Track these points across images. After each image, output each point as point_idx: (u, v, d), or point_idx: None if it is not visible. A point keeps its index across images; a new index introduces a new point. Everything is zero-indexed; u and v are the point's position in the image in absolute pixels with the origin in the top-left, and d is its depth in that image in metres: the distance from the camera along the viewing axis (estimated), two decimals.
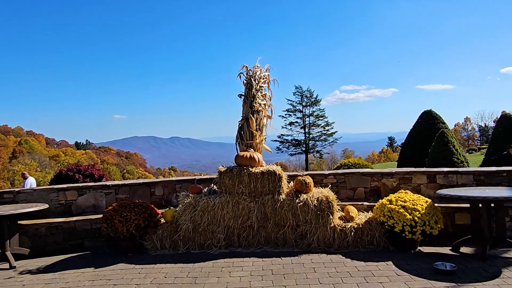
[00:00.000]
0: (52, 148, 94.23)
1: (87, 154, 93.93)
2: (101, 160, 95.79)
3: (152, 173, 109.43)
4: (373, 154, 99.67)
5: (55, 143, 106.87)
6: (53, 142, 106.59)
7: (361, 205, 6.51)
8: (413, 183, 6.86)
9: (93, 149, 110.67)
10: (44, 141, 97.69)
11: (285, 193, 6.10)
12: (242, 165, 6.15)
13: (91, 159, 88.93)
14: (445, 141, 13.96)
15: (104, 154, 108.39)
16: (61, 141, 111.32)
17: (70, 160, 73.82)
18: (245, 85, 6.87)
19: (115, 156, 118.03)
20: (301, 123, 55.21)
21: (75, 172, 15.07)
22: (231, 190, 6.04)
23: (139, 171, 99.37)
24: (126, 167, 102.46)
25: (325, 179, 7.12)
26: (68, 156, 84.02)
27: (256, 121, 6.58)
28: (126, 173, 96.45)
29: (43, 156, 75.65)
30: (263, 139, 6.70)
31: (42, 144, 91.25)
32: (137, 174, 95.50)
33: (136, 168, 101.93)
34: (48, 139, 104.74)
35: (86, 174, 15.60)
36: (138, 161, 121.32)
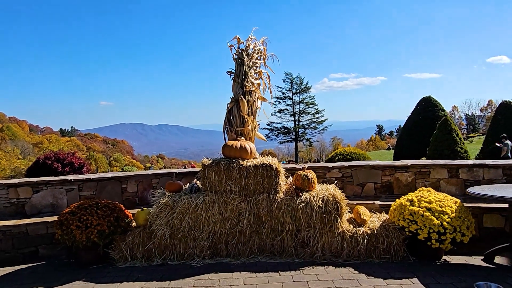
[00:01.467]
0: (36, 135, 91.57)
1: (72, 141, 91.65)
2: (87, 148, 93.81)
3: (139, 160, 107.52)
4: (362, 142, 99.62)
5: (39, 129, 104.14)
6: (37, 128, 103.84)
7: (372, 204, 5.49)
8: (432, 178, 5.87)
9: (78, 136, 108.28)
10: (27, 127, 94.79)
11: (283, 191, 5.03)
12: (231, 157, 5.04)
13: (76, 146, 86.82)
14: (449, 129, 13.07)
15: (90, 141, 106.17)
16: (45, 128, 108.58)
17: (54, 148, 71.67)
18: (236, 60, 5.72)
19: (101, 143, 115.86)
20: (291, 111, 54.19)
21: (54, 161, 13.76)
22: (218, 187, 4.95)
23: (127, 159, 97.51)
24: (113, 154, 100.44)
25: (328, 172, 6.06)
26: (52, 143, 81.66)
27: (248, 104, 5.47)
28: (113, 161, 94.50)
29: (26, 143, 73.32)
30: (256, 125, 5.60)
31: (25, 131, 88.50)
32: (124, 161, 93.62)
33: (123, 156, 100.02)
34: (32, 125, 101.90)
35: (66, 162, 14.31)
36: (125, 148, 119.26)
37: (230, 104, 5.52)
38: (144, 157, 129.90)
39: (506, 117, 18.65)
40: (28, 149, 71.15)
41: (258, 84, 5.81)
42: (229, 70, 5.76)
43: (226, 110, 5.55)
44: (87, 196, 5.87)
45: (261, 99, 5.78)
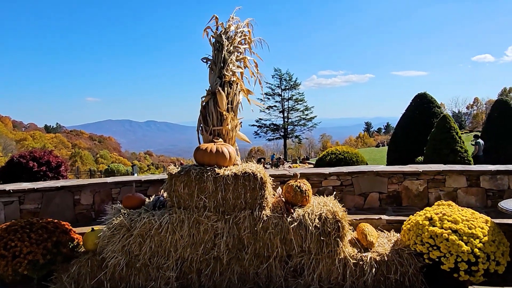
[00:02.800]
0: (20, 131, 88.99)
1: (57, 137, 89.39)
2: (72, 144, 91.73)
3: (127, 157, 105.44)
4: (350, 139, 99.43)
5: (23, 126, 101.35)
6: (20, 125, 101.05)
7: (377, 220, 4.52)
8: (447, 186, 4.93)
9: (63, 133, 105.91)
10: (11, 124, 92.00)
11: (270, 206, 4.02)
12: (205, 164, 4.00)
13: (61, 143, 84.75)
14: (448, 127, 12.24)
15: (75, 138, 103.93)
16: (29, 124, 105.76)
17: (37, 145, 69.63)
18: (213, 44, 4.68)
19: (87, 140, 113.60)
20: (280, 107, 53.31)
21: (29, 160, 12.87)
22: (188, 202, 3.91)
23: (113, 156, 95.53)
24: (99, 151, 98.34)
25: (324, 180, 5.08)
26: (36, 140, 79.42)
27: (228, 98, 4.44)
28: (100, 158, 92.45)
29: (9, 139, 70.99)
30: (237, 123, 4.57)
31: (8, 127, 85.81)
32: (111, 158, 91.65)
33: (110, 153, 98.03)
34: (16, 121, 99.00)
35: (42, 161, 13.52)
36: (112, 145, 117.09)
37: (205, 97, 4.48)
38: (131, 154, 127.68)
39: (501, 114, 17.97)
40: (11, 146, 68.90)
41: (242, 74, 4.78)
42: (204, 57, 4.72)
43: (201, 106, 4.50)
44: (31, 211, 4.78)
45: (245, 92, 4.75)
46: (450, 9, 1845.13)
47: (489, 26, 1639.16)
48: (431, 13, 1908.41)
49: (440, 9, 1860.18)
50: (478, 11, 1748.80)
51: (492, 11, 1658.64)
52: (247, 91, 4.76)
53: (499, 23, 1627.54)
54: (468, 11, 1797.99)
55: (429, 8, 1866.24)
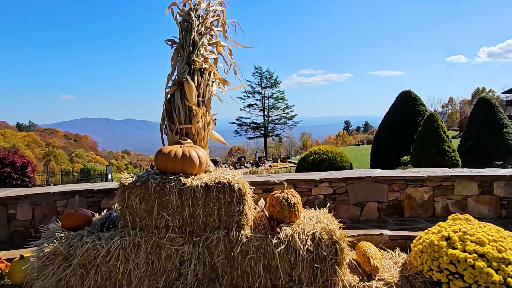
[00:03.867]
0: None
1: (29, 136, 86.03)
2: (46, 143, 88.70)
3: (104, 156, 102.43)
4: (330, 137, 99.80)
5: None
6: None
7: (379, 235, 3.79)
8: (456, 194, 4.25)
9: (37, 131, 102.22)
10: None
11: (251, 225, 3.22)
12: (168, 172, 3.16)
13: (34, 141, 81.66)
14: (435, 126, 11.75)
15: (50, 137, 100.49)
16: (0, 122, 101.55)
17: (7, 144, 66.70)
18: (180, 24, 3.83)
19: (62, 138, 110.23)
20: (260, 106, 52.55)
21: None
22: (146, 221, 3.06)
23: (90, 155, 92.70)
24: (74, 150, 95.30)
25: (314, 188, 4.31)
26: (7, 138, 76.16)
27: (198, 88, 3.60)
28: (75, 157, 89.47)
29: None
30: (211, 121, 3.75)
31: None
32: (87, 157, 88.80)
33: (86, 152, 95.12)
34: None
35: (6, 162, 12.57)
36: (89, 144, 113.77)
37: (170, 89, 3.63)
38: (108, 153, 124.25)
39: (484, 113, 17.79)
40: None
41: (216, 61, 3.96)
42: (169, 39, 3.86)
43: (165, 99, 3.65)
44: None
45: (221, 82, 3.92)
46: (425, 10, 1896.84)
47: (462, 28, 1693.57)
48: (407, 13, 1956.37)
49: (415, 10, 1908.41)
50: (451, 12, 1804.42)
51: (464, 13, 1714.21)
52: (223, 81, 3.93)
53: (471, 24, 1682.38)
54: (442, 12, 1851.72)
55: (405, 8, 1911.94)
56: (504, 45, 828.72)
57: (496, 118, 17.42)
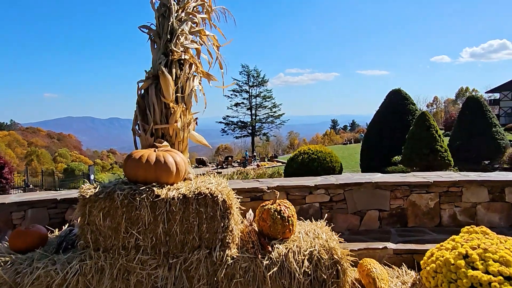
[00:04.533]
0: None
1: (11, 135, 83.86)
2: (28, 143, 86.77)
3: (88, 156, 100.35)
4: (317, 136, 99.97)
5: None
6: None
7: (382, 249, 3.36)
8: (465, 201, 3.85)
9: (18, 130, 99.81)
10: None
11: (238, 243, 2.74)
12: (139, 181, 2.65)
13: (16, 141, 79.68)
14: (427, 125, 11.46)
15: (32, 136, 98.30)
16: None
17: None
18: (157, 10, 3.32)
19: (45, 137, 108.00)
20: (248, 104, 52.06)
21: None
22: (111, 241, 2.56)
23: (74, 154, 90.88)
24: (58, 150, 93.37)
25: (309, 195, 3.85)
26: None
27: (177, 83, 3.11)
28: (58, 156, 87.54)
29: None
30: (191, 120, 3.25)
31: None
32: (71, 157, 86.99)
33: (69, 151, 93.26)
34: None
35: None
36: (73, 143, 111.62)
37: (143, 82, 3.12)
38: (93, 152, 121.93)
39: (473, 112, 17.70)
40: None
41: (198, 52, 3.46)
42: (144, 25, 3.35)
43: (137, 95, 3.14)
44: None
45: (204, 77, 3.43)
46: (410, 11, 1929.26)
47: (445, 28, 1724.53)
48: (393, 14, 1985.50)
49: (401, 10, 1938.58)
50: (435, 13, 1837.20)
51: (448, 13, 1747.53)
52: (207, 76, 3.43)
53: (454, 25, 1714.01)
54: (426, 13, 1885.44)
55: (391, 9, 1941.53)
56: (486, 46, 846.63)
57: (485, 117, 17.33)
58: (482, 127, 17.22)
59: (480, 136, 17.10)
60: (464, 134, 17.47)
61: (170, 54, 3.14)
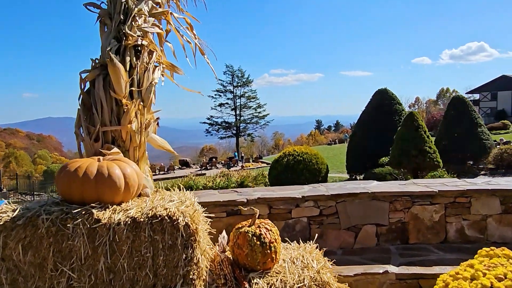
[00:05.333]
0: None
1: None
2: (6, 144, 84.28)
3: (70, 157, 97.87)
4: (302, 137, 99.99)
5: None
6: None
7: (382, 274, 2.81)
8: (474, 214, 3.35)
9: None
10: None
11: (205, 278, 2.14)
12: (74, 200, 2.03)
13: None
14: (416, 125, 11.08)
15: (10, 137, 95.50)
16: None
17: None
18: None
19: (24, 139, 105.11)
20: (232, 105, 51.40)
21: None
22: (34, 282, 1.92)
23: (54, 156, 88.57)
24: (37, 151, 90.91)
25: (295, 209, 3.28)
26: None
27: (132, 74, 2.49)
28: (38, 158, 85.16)
29: None
30: (151, 121, 2.63)
31: None
32: (51, 159, 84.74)
33: (50, 153, 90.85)
34: None
35: None
36: (53, 144, 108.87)
37: (89, 74, 2.49)
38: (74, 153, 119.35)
39: (459, 112, 17.51)
40: None
41: (161, 38, 2.84)
42: (91, 2, 2.71)
43: (81, 90, 2.51)
44: None
45: (167, 68, 2.81)
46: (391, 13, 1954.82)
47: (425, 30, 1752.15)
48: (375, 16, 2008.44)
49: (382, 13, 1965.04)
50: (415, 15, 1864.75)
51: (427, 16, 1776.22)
52: (171, 67, 2.82)
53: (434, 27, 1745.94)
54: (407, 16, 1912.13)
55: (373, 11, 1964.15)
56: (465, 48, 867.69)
57: (471, 117, 17.15)
58: (467, 127, 17.03)
59: (466, 136, 16.90)
60: (450, 134, 17.26)
61: (124, 39, 2.52)
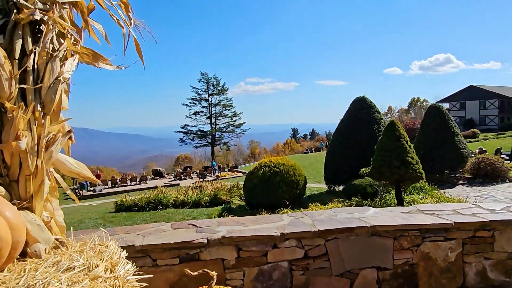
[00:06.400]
0: None
1: None
2: None
3: None
4: (278, 145, 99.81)
5: None
6: None
7: None
8: (498, 251, 2.64)
9: None
10: None
11: None
12: None
13: None
14: (397, 135, 10.54)
15: None
16: None
17: None
18: None
19: None
20: (207, 113, 50.31)
21: None
22: None
23: None
24: None
25: (272, 250, 2.46)
26: None
27: (28, 65, 1.63)
28: None
29: None
30: (59, 135, 1.76)
31: None
32: None
33: None
34: None
35: None
36: None
37: None
38: None
39: (436, 121, 17.31)
40: None
41: (83, 13, 1.99)
42: None
43: None
44: None
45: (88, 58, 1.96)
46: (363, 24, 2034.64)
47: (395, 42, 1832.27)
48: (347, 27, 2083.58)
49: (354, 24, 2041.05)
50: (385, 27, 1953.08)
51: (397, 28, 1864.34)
52: (93, 56, 1.97)
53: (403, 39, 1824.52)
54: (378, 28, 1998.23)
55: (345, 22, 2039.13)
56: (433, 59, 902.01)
57: (448, 126, 16.95)
58: (445, 136, 16.84)
59: (444, 145, 16.70)
60: (427, 143, 16.99)
61: (14, 12, 1.66)
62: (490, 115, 48.62)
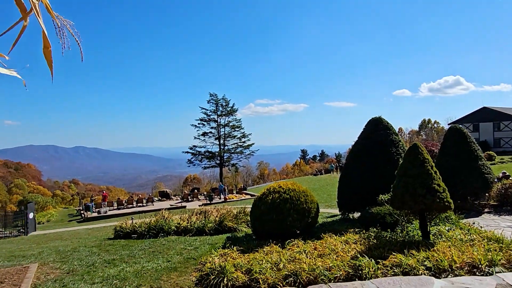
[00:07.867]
0: None
1: None
2: None
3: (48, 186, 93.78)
4: (287, 166, 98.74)
5: None
6: None
7: None
8: None
9: None
10: None
11: None
12: None
13: None
14: (421, 159, 9.54)
15: None
16: None
17: None
18: None
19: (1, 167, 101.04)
20: (216, 134, 49.82)
21: None
22: None
23: (31, 185, 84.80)
24: (14, 180, 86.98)
25: None
26: None
27: None
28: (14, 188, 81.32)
29: None
30: None
31: None
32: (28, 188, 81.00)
33: (27, 182, 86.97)
34: None
35: None
36: (31, 173, 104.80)
37: None
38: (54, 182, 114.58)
39: (456, 144, 16.21)
40: None
41: None
42: None
43: None
44: None
45: None
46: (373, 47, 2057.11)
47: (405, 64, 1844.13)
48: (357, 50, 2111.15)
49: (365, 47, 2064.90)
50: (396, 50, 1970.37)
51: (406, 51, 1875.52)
52: None
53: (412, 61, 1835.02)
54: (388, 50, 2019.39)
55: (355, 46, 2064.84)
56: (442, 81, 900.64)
57: (470, 150, 15.84)
58: (466, 160, 15.70)
59: (465, 170, 15.53)
60: (447, 168, 15.83)
61: None
62: (505, 137, 47.15)
